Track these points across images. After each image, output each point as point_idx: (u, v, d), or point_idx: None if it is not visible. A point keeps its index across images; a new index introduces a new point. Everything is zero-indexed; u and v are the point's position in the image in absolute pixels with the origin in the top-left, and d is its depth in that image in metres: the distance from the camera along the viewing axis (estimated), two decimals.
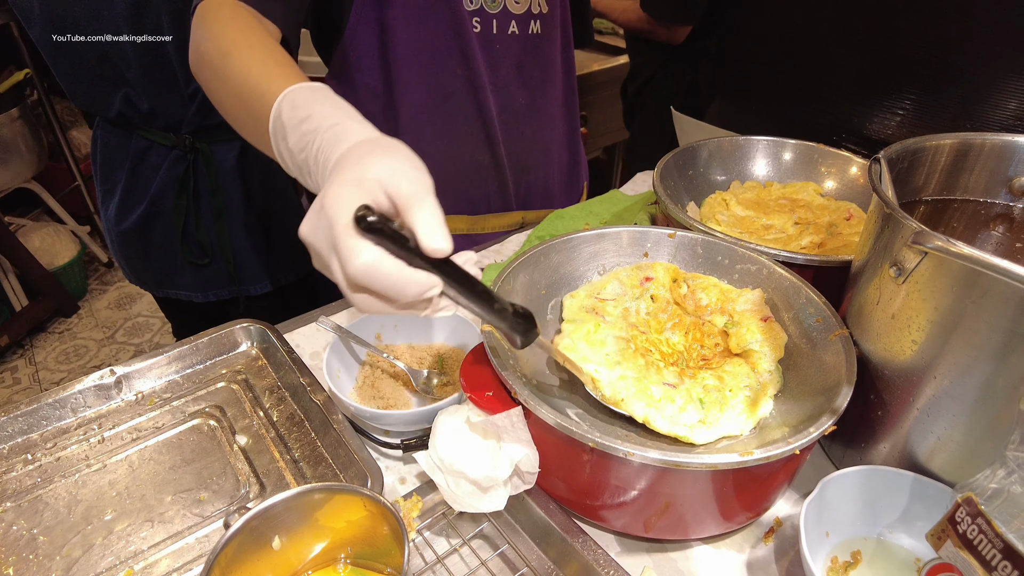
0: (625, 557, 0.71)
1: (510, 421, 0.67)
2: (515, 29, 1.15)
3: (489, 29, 1.13)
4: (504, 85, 1.19)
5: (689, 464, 0.60)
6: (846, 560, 0.68)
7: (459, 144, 1.21)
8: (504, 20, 1.14)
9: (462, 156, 1.23)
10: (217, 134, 1.39)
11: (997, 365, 0.59)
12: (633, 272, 0.88)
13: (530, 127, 1.27)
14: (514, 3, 1.13)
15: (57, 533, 0.72)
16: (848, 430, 0.75)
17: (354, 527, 0.60)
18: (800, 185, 1.16)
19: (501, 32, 1.14)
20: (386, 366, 0.91)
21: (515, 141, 1.26)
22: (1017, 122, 1.00)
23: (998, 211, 0.80)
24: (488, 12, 1.12)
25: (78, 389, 0.86)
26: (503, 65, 1.17)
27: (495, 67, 1.17)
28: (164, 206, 1.42)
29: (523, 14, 1.15)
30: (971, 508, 0.50)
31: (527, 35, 1.17)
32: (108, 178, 1.44)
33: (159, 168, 1.40)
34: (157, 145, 1.38)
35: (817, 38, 1.25)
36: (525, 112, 1.24)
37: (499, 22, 1.13)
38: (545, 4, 1.17)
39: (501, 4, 1.12)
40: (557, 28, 1.23)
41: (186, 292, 1.53)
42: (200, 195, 1.42)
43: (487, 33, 1.13)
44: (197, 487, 0.78)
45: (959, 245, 0.56)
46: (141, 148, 1.39)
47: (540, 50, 1.20)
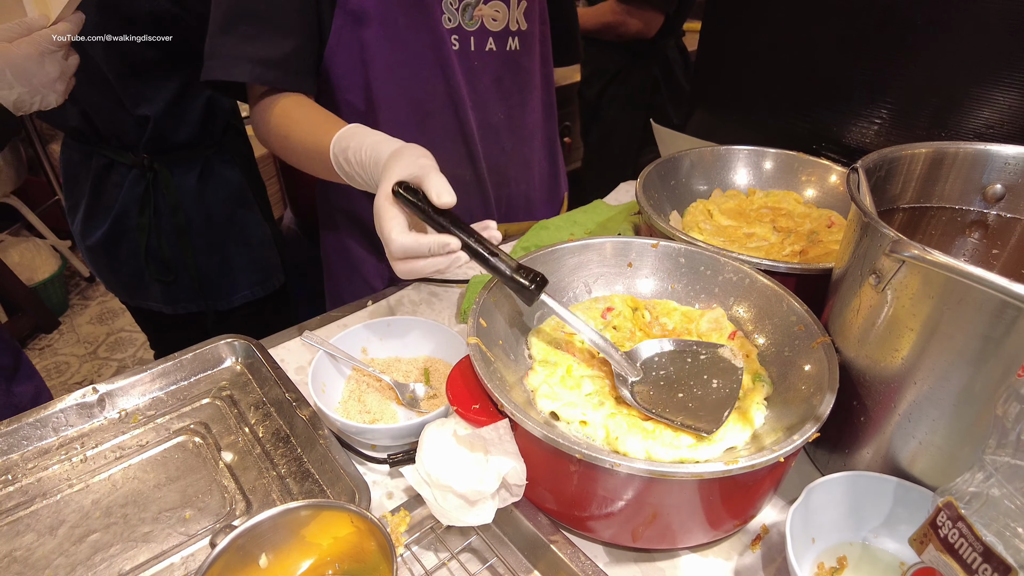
0: (613, 567, 0.71)
1: (497, 434, 0.67)
2: (493, 46, 1.16)
3: (467, 46, 1.14)
4: (483, 101, 1.20)
5: (675, 474, 0.60)
6: (832, 566, 0.68)
7: (441, 160, 1.20)
8: (482, 37, 1.15)
9: (444, 172, 1.22)
10: (176, 155, 1.39)
11: (974, 370, 0.60)
12: (592, 305, 0.89)
13: (510, 141, 1.28)
14: (491, 20, 1.14)
15: (39, 555, 0.71)
16: (832, 436, 0.76)
17: (341, 543, 0.60)
18: (782, 194, 1.17)
19: (479, 49, 1.15)
20: (372, 380, 0.91)
21: (496, 156, 1.27)
22: (989, 130, 1.02)
23: (973, 218, 0.82)
24: (466, 30, 1.13)
25: (60, 408, 0.85)
26: (482, 81, 1.18)
27: (474, 83, 1.18)
28: (128, 224, 1.43)
29: (501, 31, 1.16)
30: (951, 512, 0.50)
31: (505, 51, 1.18)
32: (72, 193, 1.46)
33: (121, 186, 1.40)
34: (118, 163, 1.39)
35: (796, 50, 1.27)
36: (504, 127, 1.25)
37: (477, 39, 1.14)
38: (524, 21, 1.18)
39: (478, 22, 1.13)
40: (536, 44, 1.24)
41: (156, 304, 1.54)
42: (162, 214, 1.42)
43: (465, 50, 1.14)
44: (182, 505, 0.77)
45: (935, 254, 0.57)
46: (102, 165, 1.40)
47: (519, 66, 1.22)
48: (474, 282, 1.08)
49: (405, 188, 0.78)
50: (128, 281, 1.50)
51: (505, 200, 1.34)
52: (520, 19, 1.17)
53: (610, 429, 0.71)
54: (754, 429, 0.72)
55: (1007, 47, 0.99)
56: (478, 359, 0.71)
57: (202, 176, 1.43)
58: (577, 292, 0.92)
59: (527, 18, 1.18)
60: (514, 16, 1.16)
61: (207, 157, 1.43)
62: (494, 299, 0.82)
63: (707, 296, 0.90)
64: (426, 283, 1.17)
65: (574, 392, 0.75)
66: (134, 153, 1.37)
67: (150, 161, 1.36)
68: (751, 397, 0.75)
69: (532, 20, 1.20)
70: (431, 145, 1.17)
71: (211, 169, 1.44)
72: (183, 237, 1.44)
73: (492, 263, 0.76)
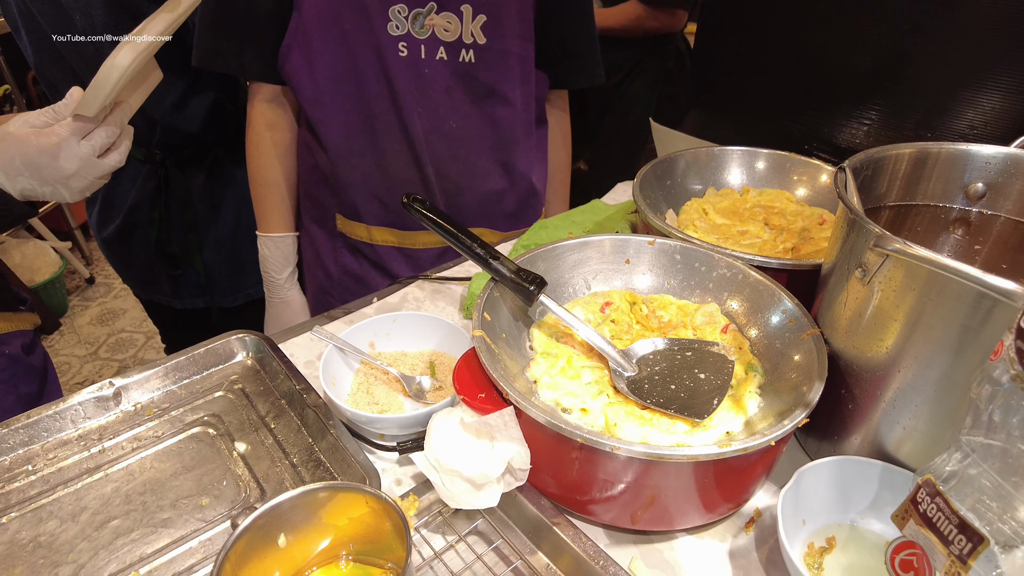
0: (613, 549, 0.75)
1: (502, 420, 0.71)
2: (444, 55, 1.18)
3: (417, 54, 1.16)
4: (434, 108, 1.22)
5: (672, 456, 0.63)
6: (822, 546, 0.72)
7: (387, 161, 1.26)
8: (432, 46, 1.16)
9: (391, 173, 1.28)
10: (187, 153, 1.43)
11: (954, 358, 0.63)
12: (591, 300, 0.92)
13: (464, 150, 1.28)
14: (443, 31, 1.15)
15: (62, 541, 0.74)
16: (822, 424, 0.80)
17: (356, 524, 0.63)
18: (775, 193, 1.21)
19: (429, 57, 1.17)
20: (379, 373, 0.94)
21: (446, 162, 1.28)
22: (973, 131, 1.06)
23: (956, 215, 0.85)
24: (416, 37, 1.15)
25: (77, 401, 0.88)
26: (432, 89, 1.20)
27: (424, 90, 1.20)
28: (139, 218, 1.48)
29: (453, 42, 1.17)
30: (930, 489, 0.54)
31: (457, 62, 1.19)
32: None
33: (135, 181, 1.45)
34: (132, 159, 1.43)
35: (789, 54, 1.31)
36: (458, 136, 1.26)
37: (427, 48, 1.16)
38: (482, 35, 1.18)
39: (429, 30, 1.15)
40: (509, 62, 1.23)
41: (165, 298, 1.58)
42: (172, 210, 1.46)
43: (414, 57, 1.16)
44: (198, 493, 0.80)
45: (916, 248, 0.60)
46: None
47: (474, 78, 1.22)
48: (476, 279, 1.11)
49: (415, 200, 0.84)
50: (140, 274, 1.54)
51: (459, 207, 1.36)
52: (477, 33, 1.17)
53: (609, 417, 0.74)
54: (747, 416, 0.76)
55: (991, 52, 1.03)
56: (483, 351, 0.74)
57: (212, 174, 1.47)
58: (577, 288, 0.95)
59: (487, 33, 1.18)
60: (468, 29, 1.17)
61: (218, 156, 1.47)
62: (498, 293, 0.85)
63: (702, 291, 0.93)
64: (430, 281, 1.20)
65: (574, 382, 0.78)
66: (147, 149, 1.40)
67: (162, 158, 1.40)
68: (744, 386, 0.78)
69: (497, 37, 1.19)
70: (379, 146, 1.25)
71: (222, 168, 1.48)
72: (191, 233, 1.47)
73: (494, 266, 0.81)
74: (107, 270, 3.63)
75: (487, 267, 0.82)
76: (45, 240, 3.26)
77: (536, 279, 0.81)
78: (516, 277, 0.81)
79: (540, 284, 0.81)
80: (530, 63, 1.28)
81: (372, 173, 1.28)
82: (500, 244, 1.32)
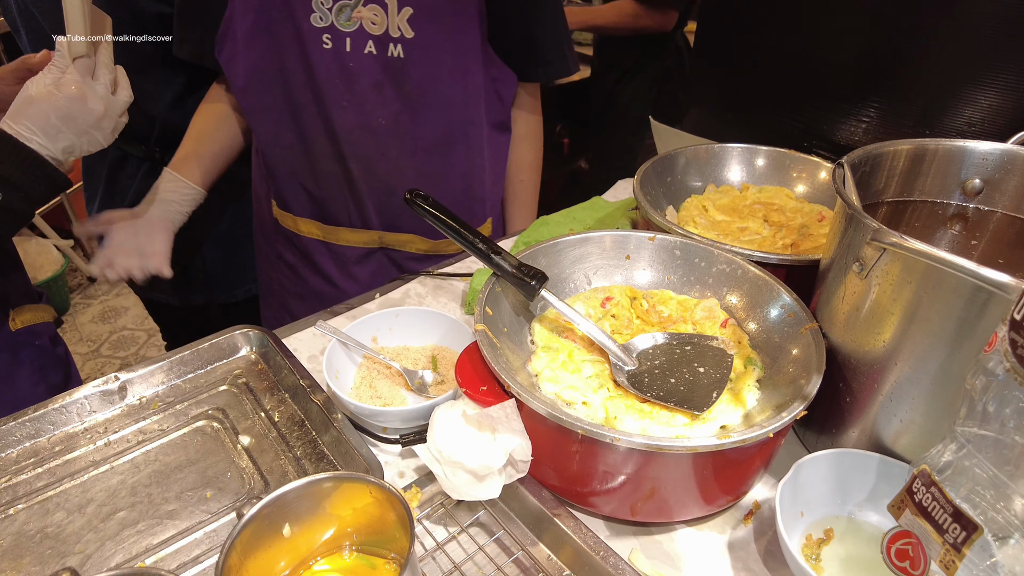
0: (613, 540, 0.75)
1: (504, 413, 0.72)
2: (372, 49, 1.14)
3: (342, 47, 1.13)
4: (360, 102, 1.19)
5: (671, 448, 0.64)
6: (819, 537, 0.73)
7: (312, 154, 1.26)
8: (360, 39, 1.13)
9: (316, 166, 1.28)
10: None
11: (950, 351, 0.64)
12: (592, 295, 0.93)
13: (395, 150, 1.24)
14: (371, 24, 1.12)
15: (69, 532, 0.75)
16: (820, 417, 0.81)
17: (360, 514, 0.64)
18: (774, 190, 1.21)
19: (356, 51, 1.14)
20: (382, 367, 0.95)
21: (375, 160, 1.25)
22: (971, 128, 1.06)
23: (953, 211, 0.86)
24: (340, 30, 1.12)
25: (83, 395, 0.89)
26: (359, 83, 1.17)
27: (349, 84, 1.17)
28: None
29: (381, 36, 1.13)
30: (926, 479, 0.55)
31: (386, 57, 1.15)
32: (90, 183, 1.53)
33: (134, 178, 1.47)
34: (131, 156, 1.44)
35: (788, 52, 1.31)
36: (388, 133, 1.22)
37: (354, 41, 1.13)
38: (409, 29, 1.13)
39: (357, 23, 1.12)
40: (441, 57, 1.18)
41: (165, 296, 1.59)
42: None
43: (339, 50, 1.14)
44: (203, 485, 0.81)
45: (912, 241, 0.61)
46: (117, 157, 1.46)
47: (405, 74, 1.17)
48: (477, 275, 1.12)
49: (417, 196, 0.85)
50: None
51: (389, 207, 1.31)
52: (403, 26, 1.13)
53: (609, 410, 0.75)
54: (746, 409, 0.76)
55: (989, 50, 1.04)
56: (485, 344, 0.75)
57: None
58: (578, 283, 0.96)
59: (414, 27, 1.13)
60: (395, 23, 1.12)
61: None
62: (499, 288, 0.86)
63: (701, 286, 0.94)
64: (432, 276, 1.21)
65: (575, 376, 0.79)
66: (146, 146, 1.41)
67: (161, 155, 1.41)
68: (743, 380, 0.79)
69: (426, 30, 1.14)
70: (303, 138, 1.25)
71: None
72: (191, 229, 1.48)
73: (495, 261, 0.82)
74: None
75: (489, 262, 0.83)
76: (47, 238, 3.26)
77: (537, 274, 0.82)
78: (518, 272, 0.82)
79: (541, 279, 0.82)
80: (473, 58, 1.21)
81: (299, 165, 1.28)
82: (501, 241, 1.33)
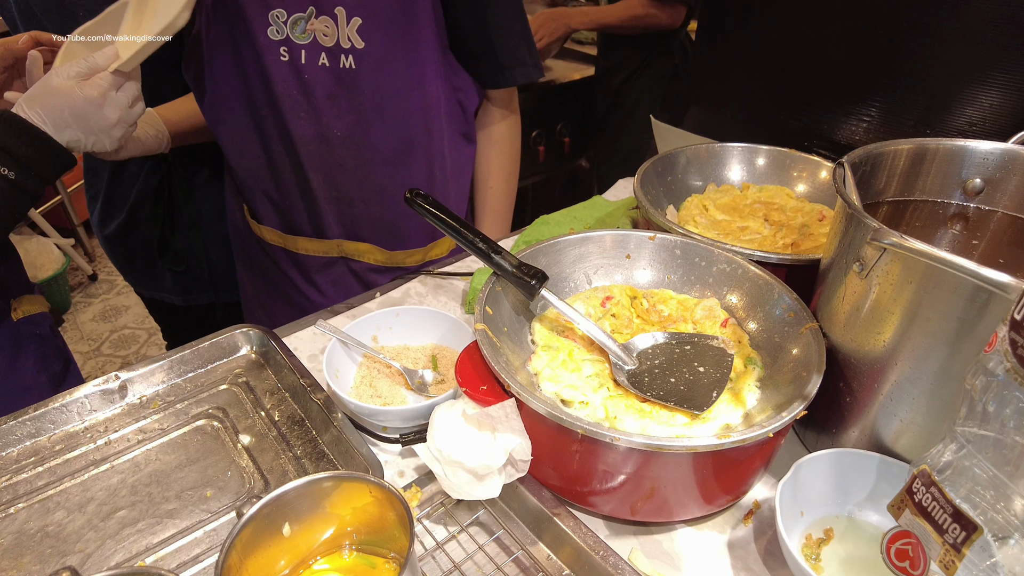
0: (613, 540, 0.75)
1: (504, 412, 0.72)
2: (325, 61, 1.15)
3: (298, 58, 1.14)
4: (316, 114, 1.20)
5: (671, 447, 0.64)
6: (819, 537, 0.73)
7: (274, 165, 1.28)
8: (314, 51, 1.14)
9: (276, 175, 1.29)
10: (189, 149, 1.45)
11: (951, 351, 0.64)
12: (592, 294, 0.93)
13: (353, 161, 1.24)
14: (323, 36, 1.13)
15: (69, 531, 0.75)
16: (820, 417, 0.81)
17: (359, 514, 0.64)
18: (774, 189, 1.21)
19: (311, 63, 1.15)
20: (382, 366, 0.95)
21: (333, 171, 1.25)
22: (972, 127, 1.06)
23: (954, 210, 0.86)
24: (296, 43, 1.13)
25: (83, 394, 0.89)
26: (315, 95, 1.18)
27: (307, 96, 1.18)
28: (142, 214, 1.49)
29: (333, 47, 1.14)
30: (926, 479, 0.54)
31: (339, 69, 1.15)
32: (92, 183, 1.52)
33: (137, 177, 1.46)
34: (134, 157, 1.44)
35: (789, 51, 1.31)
36: (343, 144, 1.22)
37: (308, 53, 1.14)
38: (359, 39, 1.13)
39: (311, 36, 1.13)
40: (394, 67, 1.17)
41: (168, 295, 1.59)
42: (176, 205, 1.48)
43: (295, 62, 1.15)
44: (203, 484, 0.81)
45: (912, 241, 0.61)
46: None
47: (357, 85, 1.17)
48: (478, 275, 1.12)
49: (417, 195, 0.85)
50: (142, 271, 1.55)
51: (349, 218, 1.32)
52: (353, 37, 1.12)
53: (609, 410, 0.75)
54: (746, 409, 0.76)
55: (990, 49, 1.04)
56: (485, 343, 0.75)
57: (215, 170, 1.47)
58: (578, 282, 0.96)
59: (364, 37, 1.13)
60: (344, 33, 1.12)
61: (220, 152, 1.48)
62: (500, 288, 0.86)
63: (702, 286, 0.94)
64: (432, 276, 1.21)
65: (575, 375, 0.79)
66: None
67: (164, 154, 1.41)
68: (743, 379, 0.79)
69: (376, 40, 1.14)
70: (266, 148, 1.27)
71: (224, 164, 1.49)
72: (195, 228, 1.48)
73: (496, 260, 0.82)
74: (110, 267, 3.64)
75: (489, 261, 0.83)
76: (48, 237, 3.27)
77: (538, 273, 0.82)
78: (518, 271, 0.82)
79: (541, 278, 0.82)
80: (430, 67, 1.21)
81: (263, 176, 1.30)
82: (501, 241, 1.33)
